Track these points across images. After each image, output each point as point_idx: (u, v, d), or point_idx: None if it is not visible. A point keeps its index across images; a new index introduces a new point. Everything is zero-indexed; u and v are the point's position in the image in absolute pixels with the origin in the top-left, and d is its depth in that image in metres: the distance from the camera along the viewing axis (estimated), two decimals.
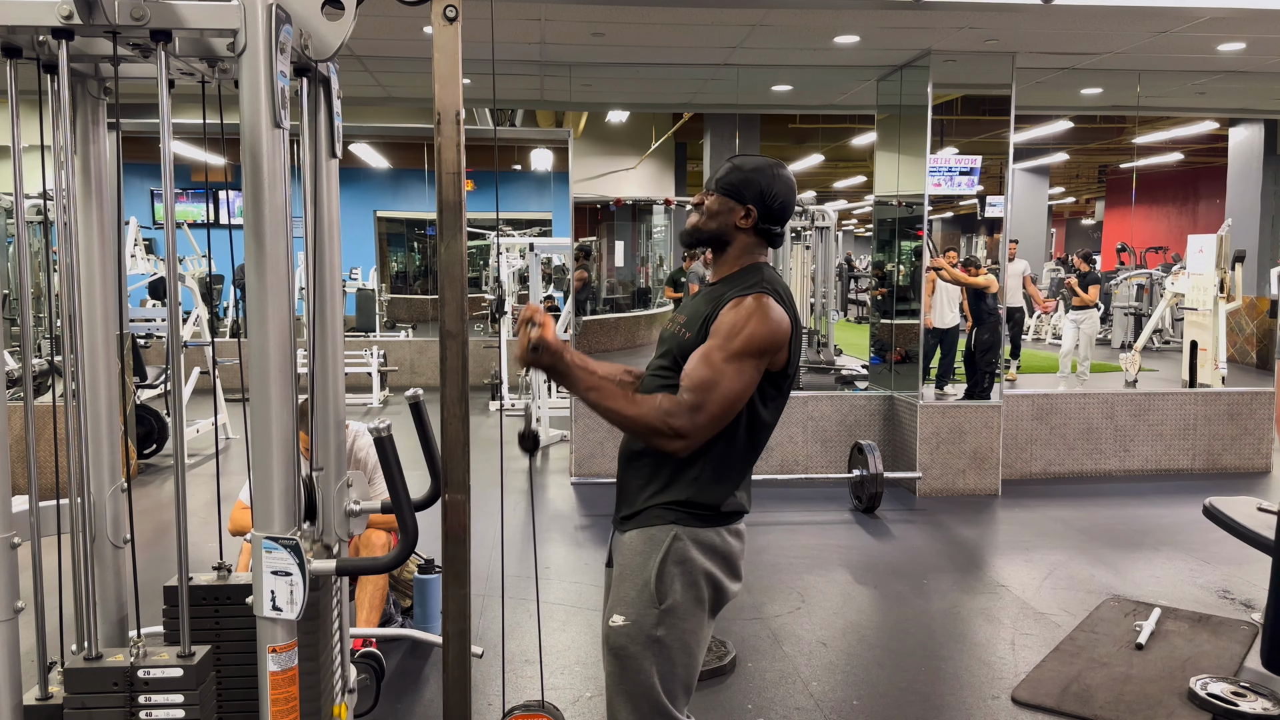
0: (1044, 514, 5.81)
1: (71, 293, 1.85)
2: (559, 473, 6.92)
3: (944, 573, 4.73)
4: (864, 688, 3.48)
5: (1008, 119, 6.22)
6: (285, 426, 1.72)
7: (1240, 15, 5.26)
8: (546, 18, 5.46)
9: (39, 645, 1.79)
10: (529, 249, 8.44)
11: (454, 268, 2.02)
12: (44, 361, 6.60)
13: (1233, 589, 4.50)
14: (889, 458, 6.55)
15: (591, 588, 4.46)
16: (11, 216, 6.70)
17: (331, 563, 1.87)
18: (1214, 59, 6.36)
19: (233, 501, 4.36)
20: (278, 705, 1.73)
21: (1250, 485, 6.51)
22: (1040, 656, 3.71)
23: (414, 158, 13.69)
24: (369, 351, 9.75)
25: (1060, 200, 24.41)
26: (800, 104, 8.73)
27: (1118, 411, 6.73)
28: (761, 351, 1.93)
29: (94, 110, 1.99)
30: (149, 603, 2.03)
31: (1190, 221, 17.74)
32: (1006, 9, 5.15)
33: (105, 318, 2.00)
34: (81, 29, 1.63)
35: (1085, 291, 9.36)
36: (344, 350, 2.14)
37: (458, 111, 1.97)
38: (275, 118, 1.64)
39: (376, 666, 3.28)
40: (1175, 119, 11.68)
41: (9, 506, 1.75)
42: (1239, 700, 3.24)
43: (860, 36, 5.82)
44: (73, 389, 1.88)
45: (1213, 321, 8.33)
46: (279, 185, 1.69)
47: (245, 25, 1.61)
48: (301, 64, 1.86)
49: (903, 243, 6.87)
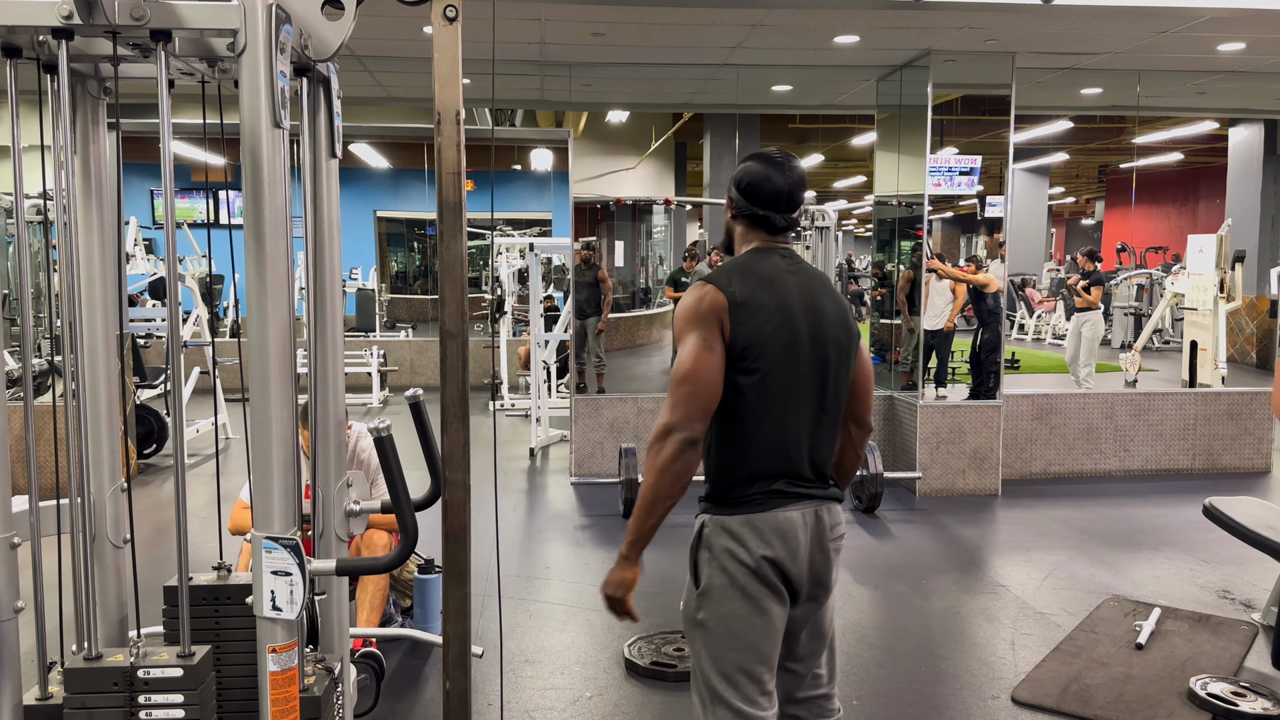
0: (1044, 514, 5.81)
1: (71, 293, 1.85)
2: (559, 473, 6.92)
3: (944, 573, 4.73)
4: (864, 688, 3.48)
5: (1008, 119, 6.22)
6: (285, 426, 1.72)
7: (1240, 15, 5.26)
8: (546, 18, 5.46)
9: (39, 645, 1.79)
10: (529, 249, 8.44)
11: (454, 268, 2.02)
12: (44, 361, 6.61)
13: (1233, 589, 4.50)
14: (889, 457, 6.55)
15: (591, 587, 4.46)
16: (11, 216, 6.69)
17: (331, 562, 1.87)
18: (1214, 59, 6.36)
19: (233, 501, 4.36)
20: (277, 705, 1.73)
21: (1250, 485, 6.51)
22: (1040, 656, 3.71)
23: (414, 158, 13.69)
24: (369, 351, 9.75)
25: (1060, 200, 24.41)
26: (800, 104, 8.73)
27: (1118, 411, 6.73)
28: (691, 324, 2.01)
29: (94, 110, 1.99)
30: (149, 603, 2.03)
31: (1190, 221, 17.74)
32: (1006, 9, 5.15)
33: (105, 318, 2.00)
34: (81, 29, 1.63)
35: (1088, 292, 9.34)
36: (344, 350, 2.14)
37: (458, 111, 1.97)
38: (275, 118, 1.64)
39: (376, 666, 3.28)
40: (1175, 119, 11.68)
41: (9, 506, 1.75)
42: (1239, 700, 3.24)
43: (860, 36, 5.82)
44: (73, 389, 1.88)
45: (1213, 321, 8.33)
46: (279, 185, 1.69)
47: (245, 25, 1.61)
48: (301, 64, 1.86)
49: (903, 243, 6.87)
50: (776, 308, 2.03)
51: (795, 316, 2.04)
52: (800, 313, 2.05)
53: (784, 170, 2.10)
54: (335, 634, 2.12)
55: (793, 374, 2.03)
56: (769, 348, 2.01)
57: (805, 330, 2.05)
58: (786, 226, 2.14)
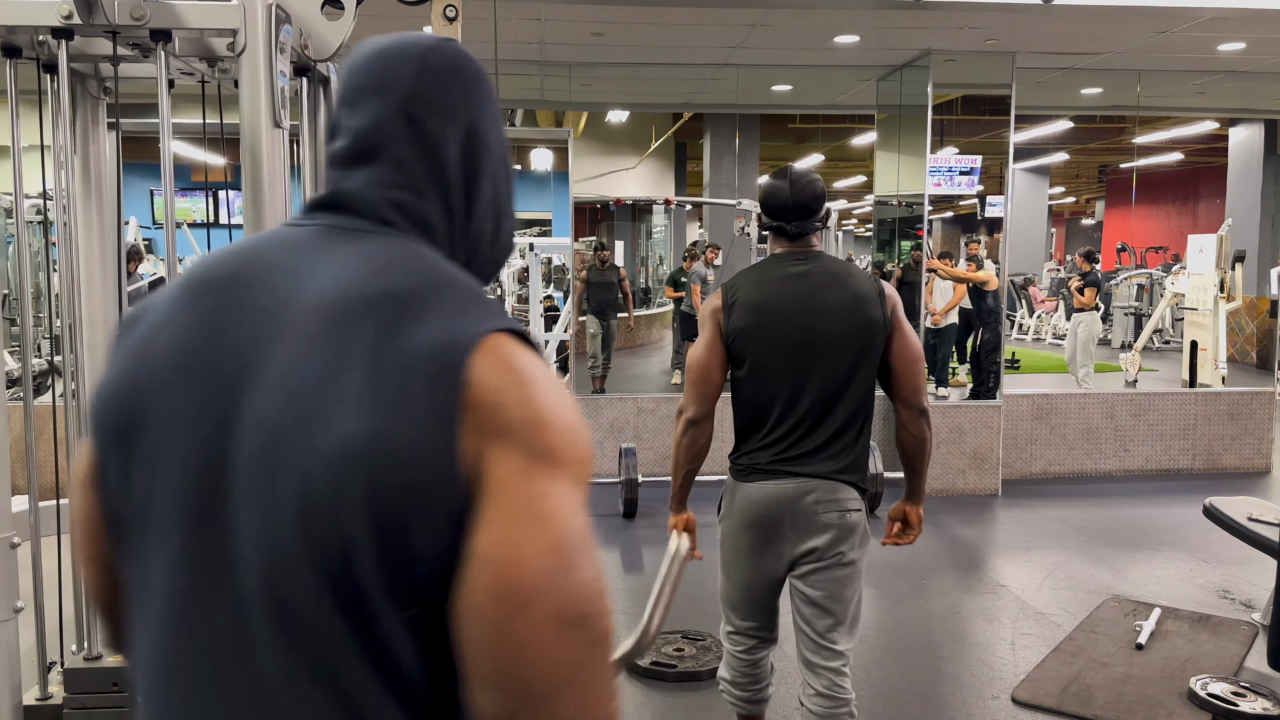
0: (1044, 514, 5.81)
1: (71, 293, 1.85)
2: None
3: (944, 573, 4.73)
4: (864, 688, 3.48)
5: (1008, 119, 6.21)
6: None
7: (1240, 15, 5.26)
8: (546, 17, 5.46)
9: (39, 645, 1.79)
10: (529, 249, 8.43)
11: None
12: (44, 361, 6.60)
13: (1233, 589, 4.50)
14: (889, 458, 6.54)
15: None
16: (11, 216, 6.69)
17: None
18: (1214, 59, 6.36)
19: None
20: None
21: (1250, 485, 6.51)
22: (1040, 656, 3.71)
23: None
24: None
25: (1060, 200, 24.40)
26: (800, 104, 8.73)
27: (1118, 411, 6.72)
28: (701, 324, 2.41)
29: (94, 110, 1.99)
30: None
31: (1190, 221, 17.73)
32: (1006, 9, 5.15)
33: (105, 318, 2.00)
34: (81, 29, 1.63)
35: (1083, 293, 9.34)
36: None
37: None
38: (275, 117, 1.64)
39: None
40: (1175, 119, 11.66)
41: (9, 506, 1.75)
42: (1239, 700, 3.24)
43: (860, 36, 5.81)
44: (72, 389, 1.88)
45: (1213, 321, 8.32)
46: (279, 185, 1.69)
47: (245, 25, 1.61)
48: (301, 64, 1.86)
49: (903, 242, 6.87)
50: (766, 305, 2.31)
51: (786, 314, 2.29)
52: (795, 309, 2.29)
53: (789, 184, 2.37)
54: None
55: (779, 362, 2.29)
56: (755, 340, 2.30)
57: (796, 323, 2.28)
58: (798, 233, 2.37)
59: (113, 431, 0.82)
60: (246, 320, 0.80)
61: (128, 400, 0.82)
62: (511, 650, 0.71)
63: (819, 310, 2.29)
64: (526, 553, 0.71)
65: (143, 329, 0.84)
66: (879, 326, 2.30)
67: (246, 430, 0.76)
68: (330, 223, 0.86)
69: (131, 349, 0.83)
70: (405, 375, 0.73)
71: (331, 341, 0.76)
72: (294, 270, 0.82)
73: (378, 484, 0.71)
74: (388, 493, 0.71)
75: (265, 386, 0.76)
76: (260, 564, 0.75)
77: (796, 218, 2.36)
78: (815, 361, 2.27)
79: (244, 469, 0.76)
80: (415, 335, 0.75)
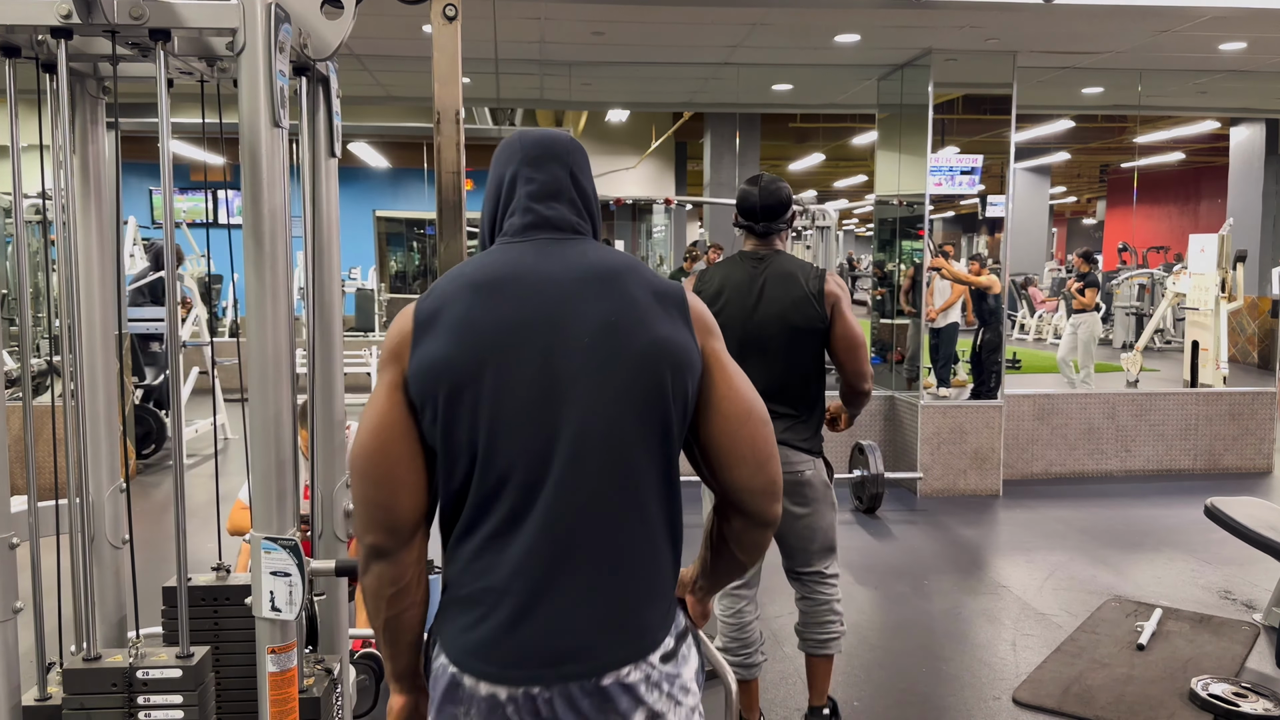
0: (1045, 514, 5.80)
1: (71, 293, 1.85)
2: None
3: (945, 573, 4.73)
4: (865, 688, 3.48)
5: (1009, 118, 6.21)
6: (285, 426, 1.71)
7: (1241, 14, 5.26)
8: (546, 17, 5.46)
9: (38, 645, 1.79)
10: None
11: (454, 267, 2.02)
12: (43, 361, 6.60)
13: (1234, 590, 4.50)
14: (890, 458, 6.54)
15: None
16: (11, 216, 6.69)
17: (331, 563, 1.87)
18: (1215, 58, 6.36)
19: (231, 502, 4.35)
20: (277, 706, 1.73)
21: (1252, 485, 6.51)
22: (1041, 657, 3.71)
23: (414, 157, 13.68)
24: (369, 351, 9.74)
25: (1061, 200, 24.41)
26: (801, 103, 8.72)
27: (1119, 412, 6.72)
28: None
29: (93, 110, 1.99)
30: (148, 603, 2.03)
31: (1192, 221, 17.74)
32: (1007, 8, 5.15)
33: (104, 318, 2.00)
34: (80, 28, 1.62)
35: (1083, 294, 9.33)
36: (343, 350, 2.13)
37: (457, 111, 1.97)
38: (274, 117, 1.63)
39: (376, 667, 3.27)
40: (1176, 118, 11.67)
41: (8, 506, 1.75)
42: (1240, 701, 3.23)
43: (861, 35, 5.81)
44: (71, 389, 1.87)
45: (1214, 321, 8.32)
46: (278, 185, 1.68)
47: (244, 24, 1.60)
48: (301, 63, 1.85)
49: (904, 242, 6.87)
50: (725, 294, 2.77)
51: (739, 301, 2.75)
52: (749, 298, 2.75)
53: (759, 190, 2.80)
54: (335, 635, 2.11)
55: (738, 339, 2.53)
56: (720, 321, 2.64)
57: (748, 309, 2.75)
58: (764, 232, 2.84)
59: (462, 378, 1.28)
60: (534, 295, 1.32)
61: (470, 358, 1.28)
62: (753, 435, 1.37)
63: (763, 300, 2.76)
64: (747, 390, 1.40)
65: (451, 316, 1.31)
66: (816, 319, 2.74)
67: (574, 344, 1.29)
68: (546, 236, 1.39)
69: (451, 328, 1.30)
70: (671, 305, 1.36)
71: (615, 287, 1.33)
72: (543, 264, 1.35)
73: (675, 360, 1.33)
74: (679, 364, 1.33)
75: (581, 316, 1.30)
76: (600, 410, 1.29)
77: (764, 219, 2.82)
78: (768, 340, 2.73)
79: (577, 364, 1.29)
80: (661, 285, 1.38)
